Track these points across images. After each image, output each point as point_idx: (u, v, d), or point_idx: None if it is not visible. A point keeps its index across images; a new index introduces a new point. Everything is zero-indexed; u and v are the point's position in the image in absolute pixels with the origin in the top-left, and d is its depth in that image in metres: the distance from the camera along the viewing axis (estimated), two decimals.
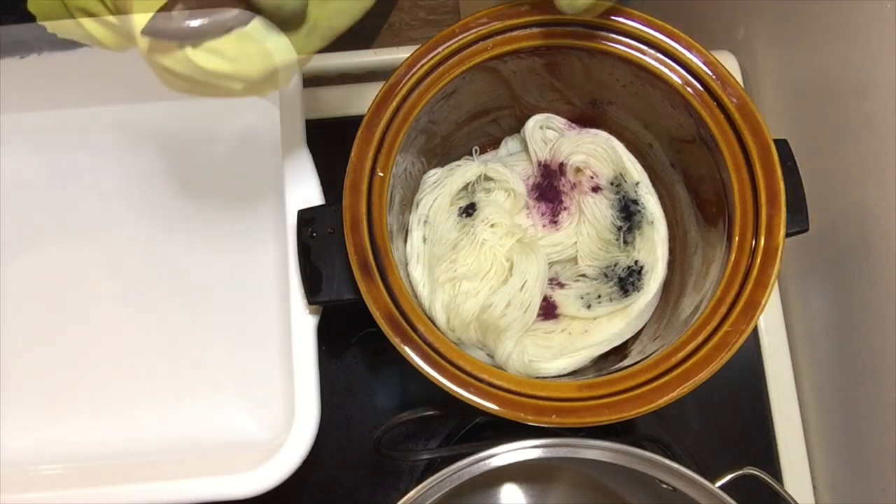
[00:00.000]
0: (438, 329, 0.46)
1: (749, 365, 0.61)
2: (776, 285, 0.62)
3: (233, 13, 0.32)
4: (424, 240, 0.52)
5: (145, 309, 0.59)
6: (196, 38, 0.32)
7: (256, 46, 0.32)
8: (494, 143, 0.57)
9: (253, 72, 0.33)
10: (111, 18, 0.34)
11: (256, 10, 0.33)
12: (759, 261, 0.44)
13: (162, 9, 0.31)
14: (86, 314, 0.59)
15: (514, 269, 0.50)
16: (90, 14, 0.34)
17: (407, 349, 0.43)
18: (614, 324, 0.51)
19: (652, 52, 0.47)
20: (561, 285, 0.53)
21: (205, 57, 0.32)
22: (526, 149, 0.54)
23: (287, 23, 0.33)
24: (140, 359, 0.58)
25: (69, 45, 0.55)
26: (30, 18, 0.36)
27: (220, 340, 0.58)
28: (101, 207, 0.61)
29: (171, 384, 0.57)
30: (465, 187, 0.53)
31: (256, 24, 0.32)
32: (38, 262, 0.60)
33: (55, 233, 0.60)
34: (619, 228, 0.52)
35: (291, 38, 0.34)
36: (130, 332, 0.58)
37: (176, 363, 0.58)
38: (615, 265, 0.52)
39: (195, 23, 0.31)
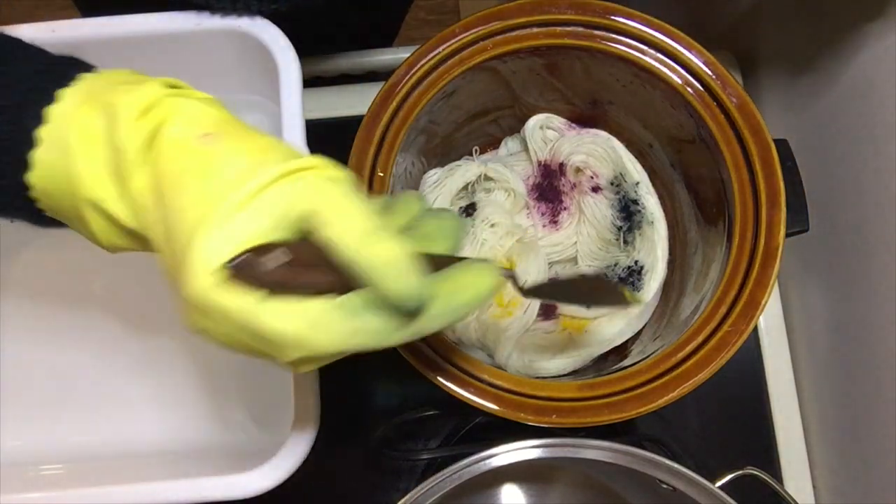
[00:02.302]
0: None
1: (749, 365, 0.61)
2: (776, 285, 0.62)
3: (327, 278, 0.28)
4: None
5: (146, 309, 0.59)
6: (284, 287, 0.28)
7: (344, 320, 0.28)
8: (494, 143, 0.57)
9: (324, 346, 0.28)
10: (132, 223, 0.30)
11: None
12: (759, 261, 0.44)
13: (250, 251, 0.27)
14: (86, 314, 0.59)
15: (515, 268, 0.50)
16: (104, 213, 0.30)
17: (407, 349, 0.43)
18: (614, 324, 0.51)
19: (652, 52, 0.47)
20: None
21: (275, 311, 0.27)
22: (526, 149, 0.54)
23: (407, 313, 0.28)
24: (140, 359, 0.58)
25: None
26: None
27: None
28: None
29: (171, 384, 0.57)
30: (465, 187, 0.53)
31: (356, 298, 0.28)
32: (39, 262, 0.60)
33: (57, 233, 0.60)
34: (619, 228, 0.52)
35: (393, 324, 0.28)
36: (130, 332, 0.58)
37: (176, 363, 0.58)
38: (615, 265, 0.52)
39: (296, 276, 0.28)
